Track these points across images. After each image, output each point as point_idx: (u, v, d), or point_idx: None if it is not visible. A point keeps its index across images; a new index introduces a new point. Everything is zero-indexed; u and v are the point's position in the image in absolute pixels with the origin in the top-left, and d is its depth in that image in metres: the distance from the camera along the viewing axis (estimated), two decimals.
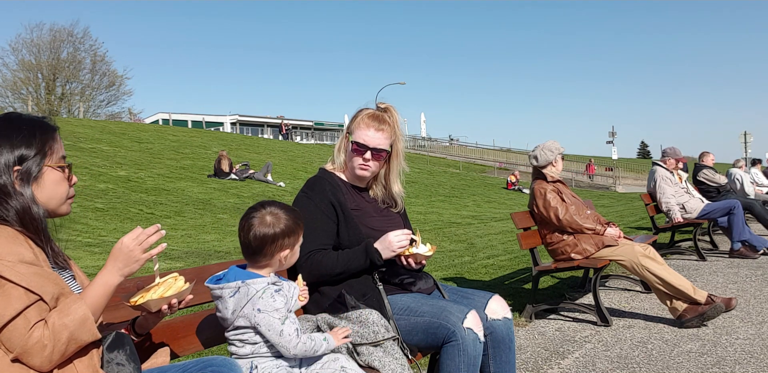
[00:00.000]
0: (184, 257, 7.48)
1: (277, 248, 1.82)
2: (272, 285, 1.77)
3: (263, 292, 1.73)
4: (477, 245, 9.21)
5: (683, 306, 4.13)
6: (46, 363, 1.34)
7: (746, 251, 7.13)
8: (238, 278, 1.77)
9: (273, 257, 1.83)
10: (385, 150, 2.39)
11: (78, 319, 1.37)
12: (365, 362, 1.94)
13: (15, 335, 1.32)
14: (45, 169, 1.52)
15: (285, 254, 1.85)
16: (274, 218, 1.82)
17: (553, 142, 4.78)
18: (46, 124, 1.58)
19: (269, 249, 1.81)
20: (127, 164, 17.45)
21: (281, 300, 1.74)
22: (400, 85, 48.95)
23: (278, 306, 1.72)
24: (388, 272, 2.38)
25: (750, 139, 29.91)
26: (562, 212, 4.45)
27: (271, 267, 1.86)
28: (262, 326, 1.71)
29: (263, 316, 1.70)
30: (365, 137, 2.36)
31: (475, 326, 2.17)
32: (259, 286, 1.74)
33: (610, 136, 37.63)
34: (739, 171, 10.25)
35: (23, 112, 1.62)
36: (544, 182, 4.65)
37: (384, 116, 2.43)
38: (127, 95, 52.21)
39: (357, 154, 2.38)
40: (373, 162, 2.39)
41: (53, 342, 1.33)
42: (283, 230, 1.81)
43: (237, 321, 1.74)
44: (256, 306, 1.71)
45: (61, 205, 1.57)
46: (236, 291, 1.75)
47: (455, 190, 24.55)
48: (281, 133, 48.16)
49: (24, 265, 1.37)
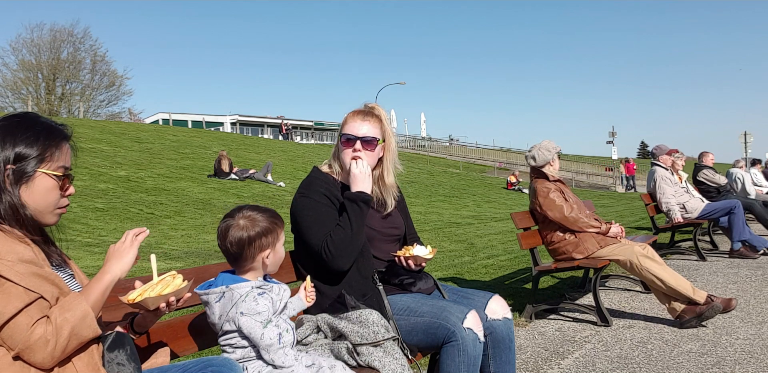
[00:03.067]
0: (184, 257, 7.48)
1: (257, 249, 1.83)
2: (256, 289, 1.78)
3: (246, 295, 1.75)
4: (477, 245, 9.21)
5: (681, 307, 4.13)
6: (48, 359, 1.34)
7: (746, 251, 7.13)
8: (224, 284, 1.79)
9: (254, 259, 1.84)
10: (374, 138, 2.37)
11: (79, 314, 1.38)
12: (365, 362, 1.94)
13: (17, 332, 1.32)
14: (39, 173, 1.49)
15: (266, 254, 1.85)
16: (248, 220, 1.83)
17: (548, 141, 4.77)
18: (57, 130, 1.56)
19: (249, 252, 1.82)
20: (127, 164, 17.45)
21: (265, 304, 1.75)
22: (400, 85, 49.00)
23: (260, 310, 1.73)
24: (387, 272, 2.38)
25: (750, 139, 29.93)
26: (567, 210, 4.45)
27: (255, 270, 1.86)
28: (244, 329, 1.72)
29: (245, 319, 1.72)
30: (352, 129, 2.37)
31: (475, 326, 2.17)
32: (243, 290, 1.76)
33: (610, 136, 37.68)
34: (740, 171, 10.25)
35: (43, 116, 1.61)
36: (547, 181, 4.64)
37: (371, 111, 2.44)
38: (127, 95, 52.31)
39: (347, 146, 2.38)
40: (365, 152, 2.36)
41: (56, 338, 1.34)
42: (258, 231, 1.82)
43: (224, 326, 1.76)
44: (239, 309, 1.73)
45: (48, 213, 1.52)
46: (221, 296, 1.77)
47: (455, 190, 24.56)
48: (281, 133, 48.18)
49: (23, 264, 1.38)
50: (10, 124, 1.51)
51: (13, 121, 1.52)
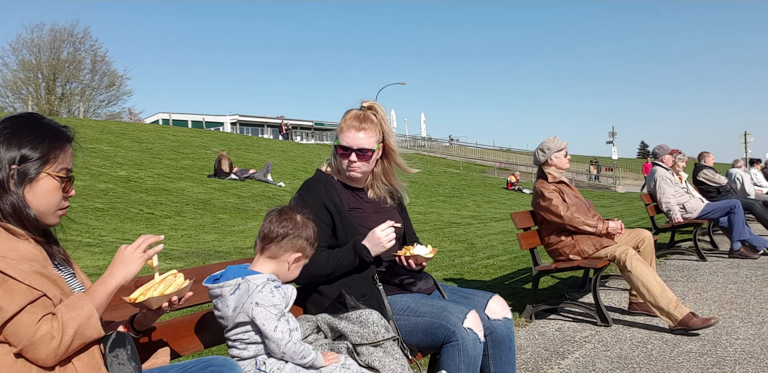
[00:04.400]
0: (184, 257, 7.48)
1: (294, 247, 1.85)
2: (272, 282, 1.78)
3: (263, 286, 1.74)
4: (477, 245, 9.22)
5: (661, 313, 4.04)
6: (51, 356, 1.35)
7: (746, 251, 7.13)
8: (237, 276, 1.78)
9: (285, 253, 1.85)
10: (369, 150, 2.37)
11: (85, 314, 1.40)
12: (365, 363, 1.94)
13: (21, 329, 1.33)
14: (43, 175, 1.51)
15: (295, 257, 1.87)
16: (305, 221, 1.89)
17: (551, 139, 4.71)
18: (61, 133, 1.57)
19: (287, 243, 1.84)
20: (127, 164, 17.45)
21: (280, 297, 1.75)
22: (400, 85, 49.00)
23: (276, 302, 1.72)
24: (388, 272, 2.38)
25: (750, 139, 29.91)
26: (563, 209, 4.44)
27: (275, 265, 1.86)
28: (258, 319, 1.70)
29: (260, 310, 1.70)
30: (348, 140, 2.36)
31: (475, 326, 2.17)
32: (259, 281, 1.75)
33: (610, 136, 37.61)
34: (740, 171, 10.26)
35: (47, 117, 1.62)
36: (545, 182, 4.64)
37: (367, 115, 2.41)
38: (127, 95, 52.10)
39: (343, 157, 2.39)
40: (361, 163, 2.37)
41: (61, 335, 1.35)
42: (306, 236, 1.87)
43: (237, 318, 1.74)
44: (254, 300, 1.71)
45: (49, 214, 1.54)
46: (236, 288, 1.75)
47: (455, 190, 24.56)
48: (281, 133, 48.16)
49: (26, 262, 1.39)
50: (16, 125, 1.52)
51: (18, 122, 1.53)
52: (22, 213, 1.46)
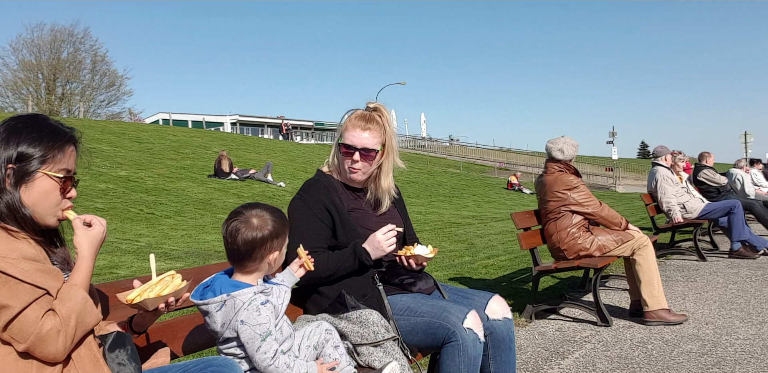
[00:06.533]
0: (184, 257, 7.48)
1: (267, 250, 1.76)
2: (260, 295, 1.71)
3: (249, 303, 1.68)
4: (477, 245, 9.22)
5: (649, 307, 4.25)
6: (61, 349, 1.36)
7: (746, 251, 7.13)
8: (223, 291, 1.71)
9: (262, 260, 1.77)
10: (373, 150, 2.36)
11: (80, 302, 1.41)
12: (365, 362, 1.94)
13: (27, 326, 1.33)
14: (39, 174, 1.48)
15: (274, 257, 1.79)
16: (261, 220, 1.76)
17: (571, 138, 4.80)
18: (62, 133, 1.55)
19: (259, 253, 1.75)
20: (128, 164, 17.45)
21: (266, 315, 1.68)
22: (400, 85, 49.00)
23: (262, 321, 1.67)
24: (388, 272, 2.38)
25: (750, 140, 29.91)
26: (596, 201, 4.52)
27: (259, 272, 1.80)
28: (242, 337, 1.67)
29: (245, 328, 1.66)
30: (352, 138, 2.35)
31: (475, 326, 2.17)
32: (245, 297, 1.69)
33: (610, 136, 37.62)
34: (740, 171, 10.27)
35: (51, 118, 1.60)
36: (569, 174, 4.62)
37: (372, 115, 2.40)
38: (127, 95, 52.09)
39: (346, 156, 2.37)
40: (362, 163, 2.36)
41: (65, 328, 1.36)
42: (271, 231, 1.76)
43: (225, 333, 1.71)
44: (240, 318, 1.67)
45: (47, 215, 1.51)
46: (222, 305, 1.70)
47: (455, 190, 24.55)
48: (281, 133, 48.17)
49: (27, 261, 1.39)
50: (17, 125, 1.51)
51: (20, 122, 1.52)
52: (18, 213, 1.45)
